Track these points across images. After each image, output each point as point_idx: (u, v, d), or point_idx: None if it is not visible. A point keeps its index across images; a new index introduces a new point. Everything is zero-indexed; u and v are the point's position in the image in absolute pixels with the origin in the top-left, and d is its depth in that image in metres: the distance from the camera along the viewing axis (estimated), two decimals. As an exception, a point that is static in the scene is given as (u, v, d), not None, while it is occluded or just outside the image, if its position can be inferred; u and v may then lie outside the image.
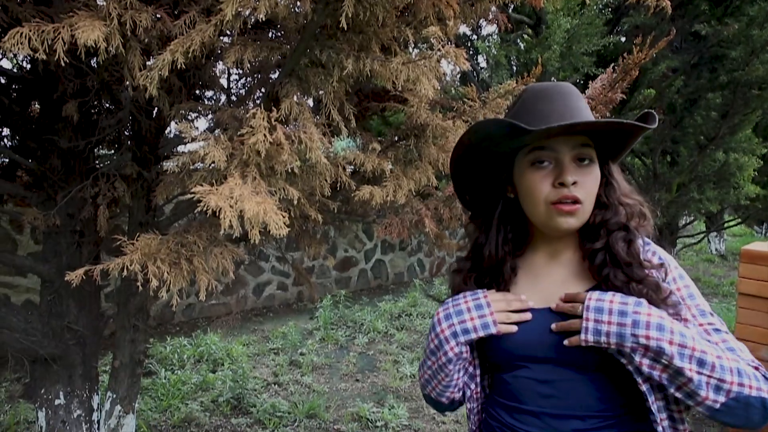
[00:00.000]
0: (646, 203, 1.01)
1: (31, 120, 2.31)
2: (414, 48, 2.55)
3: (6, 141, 2.47)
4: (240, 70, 2.38)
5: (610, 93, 2.16)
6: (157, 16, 1.43)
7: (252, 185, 1.38)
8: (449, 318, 1.01)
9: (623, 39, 5.33)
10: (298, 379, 4.04)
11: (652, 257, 0.96)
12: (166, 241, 1.55)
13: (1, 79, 2.31)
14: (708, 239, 10.21)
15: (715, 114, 5.10)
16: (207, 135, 1.58)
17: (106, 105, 2.34)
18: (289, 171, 1.53)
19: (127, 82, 1.55)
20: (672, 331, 0.83)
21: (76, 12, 1.30)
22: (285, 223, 1.33)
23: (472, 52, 5.61)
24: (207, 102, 2.53)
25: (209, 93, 2.58)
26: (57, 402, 2.29)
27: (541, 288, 1.00)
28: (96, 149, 2.40)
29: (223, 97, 2.54)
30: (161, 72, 1.34)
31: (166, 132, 2.40)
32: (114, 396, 2.37)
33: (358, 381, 4.10)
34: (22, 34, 1.23)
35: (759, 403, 0.84)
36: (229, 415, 3.43)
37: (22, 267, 2.54)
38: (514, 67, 5.40)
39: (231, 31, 1.53)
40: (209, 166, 1.52)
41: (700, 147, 5.26)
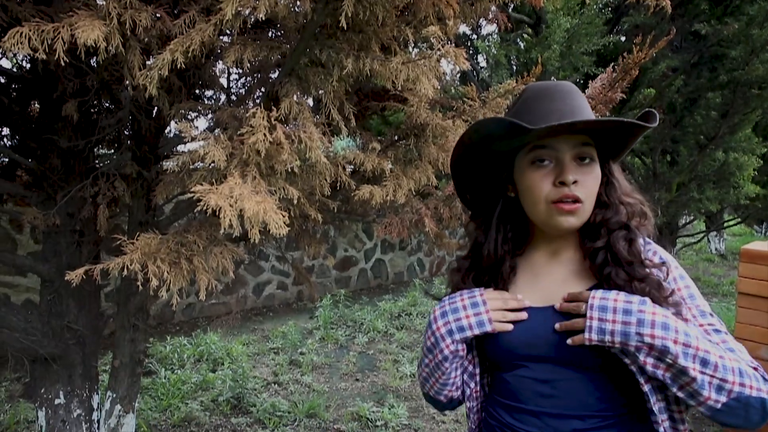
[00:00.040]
0: (646, 202, 1.01)
1: (31, 119, 2.31)
2: (414, 47, 2.55)
3: (6, 140, 2.47)
4: (240, 70, 2.38)
5: (610, 92, 2.16)
6: (157, 15, 1.43)
7: (252, 184, 1.38)
8: (445, 315, 1.01)
9: (623, 38, 5.33)
10: (298, 378, 4.05)
11: (653, 257, 0.96)
12: (166, 240, 1.55)
13: (1, 79, 2.31)
14: (708, 239, 10.22)
15: (715, 113, 5.10)
16: (207, 134, 1.58)
17: (106, 104, 2.34)
18: (288, 170, 1.53)
19: (127, 82, 1.55)
20: (677, 330, 0.83)
21: (76, 11, 1.30)
22: (285, 223, 1.33)
23: (471, 52, 5.61)
24: (207, 101, 2.53)
25: (209, 92, 2.58)
26: (57, 401, 2.29)
27: (542, 287, 1.00)
28: (96, 149, 2.40)
29: (223, 96, 2.54)
30: (161, 71, 1.34)
31: (166, 131, 2.40)
32: (114, 395, 2.37)
33: (357, 380, 4.11)
34: (21, 33, 1.23)
35: (759, 404, 0.84)
36: (229, 415, 3.43)
37: (21, 266, 2.54)
38: (514, 67, 5.40)
39: (231, 31, 1.53)
40: (209, 166, 1.52)
41: (699, 146, 5.26)
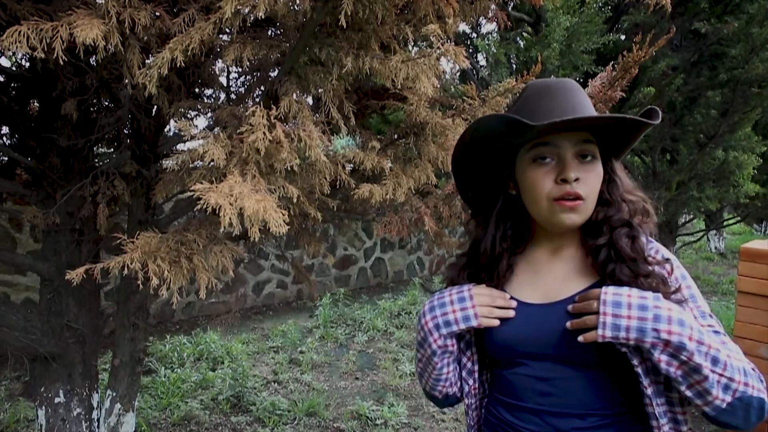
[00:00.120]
0: (649, 200, 1.00)
1: (31, 118, 2.31)
2: (413, 46, 2.54)
3: (5, 139, 2.47)
4: (239, 68, 2.37)
5: (610, 91, 2.16)
6: (156, 14, 1.43)
7: (251, 183, 1.38)
8: (433, 310, 1.02)
9: (623, 37, 5.31)
10: (297, 377, 4.05)
11: (656, 255, 0.95)
12: (166, 239, 1.55)
13: (1, 78, 2.30)
14: (707, 237, 10.22)
15: (714, 112, 5.10)
16: (206, 133, 1.58)
17: (106, 103, 2.34)
18: (288, 169, 1.53)
19: (126, 80, 1.55)
20: (691, 327, 0.82)
21: (75, 10, 1.29)
22: (284, 221, 1.33)
23: (471, 51, 5.60)
24: (206, 100, 2.53)
25: (209, 91, 2.57)
26: (57, 400, 2.29)
27: (542, 285, 1.00)
28: (95, 147, 2.40)
29: (223, 95, 2.54)
30: (160, 70, 1.34)
31: (166, 130, 2.40)
32: (114, 394, 2.37)
33: (357, 379, 4.11)
34: (20, 32, 1.23)
35: (758, 404, 0.84)
36: (229, 413, 3.44)
37: (21, 265, 2.54)
38: (514, 66, 5.39)
39: (230, 29, 1.52)
40: (209, 164, 1.52)
41: (699, 145, 5.25)
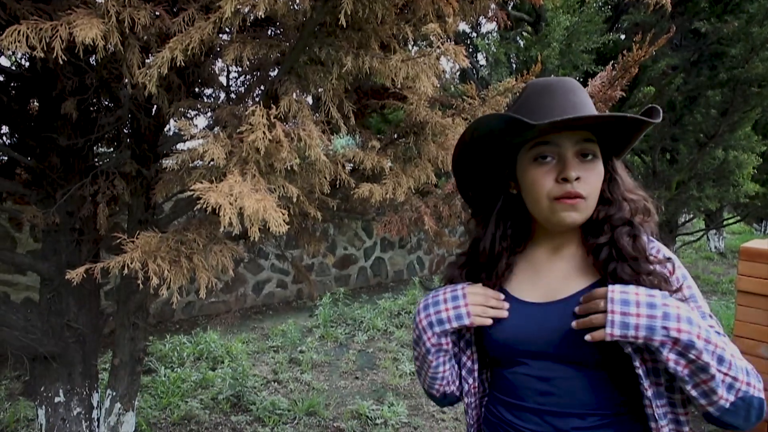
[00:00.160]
0: (650, 199, 1.00)
1: (30, 118, 2.31)
2: (413, 45, 2.54)
3: (5, 139, 2.47)
4: (239, 68, 2.37)
5: (610, 90, 2.15)
6: (156, 13, 1.43)
7: (251, 182, 1.38)
8: (427, 308, 1.03)
9: (623, 36, 5.31)
10: (297, 376, 4.05)
11: (657, 254, 0.95)
12: (166, 239, 1.55)
13: (0, 77, 2.30)
14: (707, 237, 10.23)
15: (714, 112, 5.09)
16: (206, 132, 1.58)
17: (105, 103, 2.34)
18: (288, 168, 1.53)
19: (126, 80, 1.55)
20: (699, 326, 0.81)
21: (74, 10, 1.29)
22: (284, 221, 1.33)
23: (471, 50, 5.59)
24: (206, 100, 2.53)
25: (208, 91, 2.57)
26: (57, 400, 2.29)
27: (542, 284, 1.00)
28: (95, 147, 2.40)
29: (223, 94, 2.54)
30: (160, 70, 1.34)
31: (166, 130, 2.40)
32: (114, 394, 2.37)
33: (357, 378, 4.11)
34: (19, 31, 1.22)
35: (758, 404, 0.83)
36: (229, 413, 3.44)
37: (21, 265, 2.54)
38: (514, 65, 5.38)
39: (230, 29, 1.52)
40: (208, 164, 1.52)
41: (699, 145, 5.25)
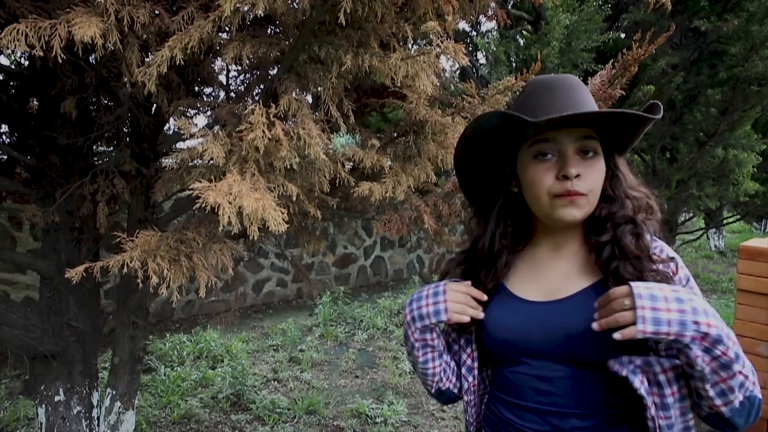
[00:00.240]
0: (653, 196, 0.99)
1: (30, 116, 2.31)
2: (413, 44, 2.54)
3: (5, 138, 2.47)
4: (239, 67, 2.37)
5: (610, 89, 2.15)
6: (155, 12, 1.43)
7: (251, 181, 1.38)
8: (411, 304, 1.04)
9: (623, 35, 5.31)
10: (297, 375, 4.05)
11: (660, 254, 0.94)
12: (166, 237, 1.55)
13: (0, 76, 2.30)
14: (707, 236, 10.23)
15: (714, 110, 5.09)
16: (206, 131, 1.58)
17: (105, 101, 2.34)
18: (287, 167, 1.52)
19: (126, 79, 1.55)
20: (720, 320, 0.79)
21: (73, 8, 1.29)
22: (284, 220, 1.33)
23: (471, 49, 5.58)
24: (206, 98, 2.53)
25: (208, 89, 2.57)
26: (57, 398, 2.29)
27: (543, 282, 1.00)
28: (95, 146, 2.39)
29: (222, 93, 2.54)
30: (160, 68, 1.33)
31: (165, 128, 2.39)
32: (114, 392, 2.37)
33: (357, 377, 4.11)
34: (18, 30, 1.22)
35: (758, 403, 0.83)
36: (229, 412, 3.44)
37: (21, 264, 2.54)
38: (514, 64, 5.37)
39: (229, 28, 1.52)
40: (208, 163, 1.51)
41: (699, 143, 5.25)
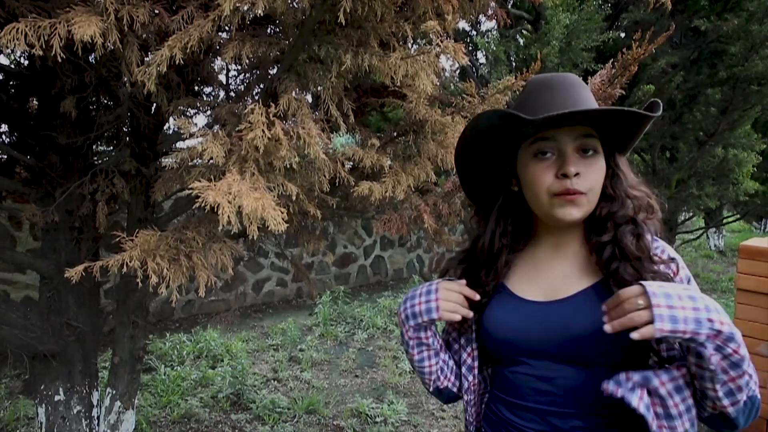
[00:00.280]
0: (653, 195, 0.99)
1: (30, 116, 2.30)
2: (413, 43, 2.54)
3: (4, 137, 2.47)
4: (238, 66, 2.37)
5: (609, 89, 2.15)
6: (155, 11, 1.43)
7: (250, 181, 1.38)
8: (405, 302, 1.05)
9: (623, 35, 5.30)
10: (297, 375, 4.05)
11: (662, 254, 0.93)
12: (165, 237, 1.55)
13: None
14: (707, 235, 10.24)
15: (714, 110, 5.09)
16: (205, 131, 1.58)
17: (105, 101, 2.34)
18: (287, 167, 1.52)
19: (125, 78, 1.55)
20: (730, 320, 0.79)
21: (73, 7, 1.29)
22: (284, 219, 1.33)
23: (471, 48, 5.58)
24: (205, 98, 2.52)
25: (208, 89, 2.57)
26: (57, 398, 2.29)
27: (543, 282, 1.00)
28: (94, 145, 2.39)
29: (222, 93, 2.54)
30: (159, 68, 1.33)
31: (165, 128, 2.39)
32: (114, 392, 2.37)
33: (357, 377, 4.11)
34: (18, 29, 1.22)
35: (758, 403, 0.83)
36: (229, 411, 3.44)
37: (21, 263, 2.54)
38: (513, 63, 5.37)
39: (229, 27, 1.52)
40: (208, 162, 1.51)
41: (699, 143, 5.25)
